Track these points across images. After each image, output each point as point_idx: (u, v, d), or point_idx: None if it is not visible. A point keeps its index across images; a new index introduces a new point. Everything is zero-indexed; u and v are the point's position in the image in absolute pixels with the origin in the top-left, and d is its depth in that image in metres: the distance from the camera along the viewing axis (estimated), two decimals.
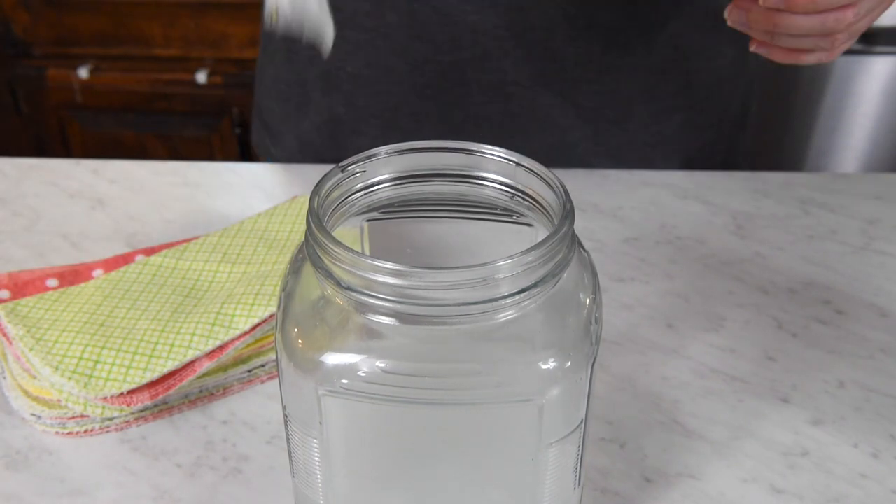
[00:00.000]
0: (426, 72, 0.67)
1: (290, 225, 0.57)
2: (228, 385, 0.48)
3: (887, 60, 1.34)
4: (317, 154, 0.73)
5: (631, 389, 0.48)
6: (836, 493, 0.42)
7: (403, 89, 0.68)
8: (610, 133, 0.70)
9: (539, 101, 0.68)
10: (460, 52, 0.65)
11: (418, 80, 0.67)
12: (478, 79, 0.67)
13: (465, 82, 0.67)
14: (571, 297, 0.32)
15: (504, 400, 0.31)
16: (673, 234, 0.62)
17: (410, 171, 0.35)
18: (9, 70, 1.56)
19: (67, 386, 0.44)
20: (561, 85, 0.67)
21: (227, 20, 1.46)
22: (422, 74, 0.67)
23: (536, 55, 0.65)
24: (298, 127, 0.74)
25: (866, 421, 0.47)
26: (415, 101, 0.68)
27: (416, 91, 0.68)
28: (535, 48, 0.65)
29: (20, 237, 0.62)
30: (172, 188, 0.68)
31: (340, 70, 0.69)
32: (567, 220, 0.31)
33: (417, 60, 0.66)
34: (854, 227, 0.63)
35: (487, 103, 0.68)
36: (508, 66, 0.66)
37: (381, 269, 0.28)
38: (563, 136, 0.70)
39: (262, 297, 0.48)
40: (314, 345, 0.31)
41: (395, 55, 0.66)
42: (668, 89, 0.69)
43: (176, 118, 1.57)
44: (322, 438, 0.32)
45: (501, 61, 0.66)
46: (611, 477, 0.43)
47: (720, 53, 0.70)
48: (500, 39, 0.65)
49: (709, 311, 0.55)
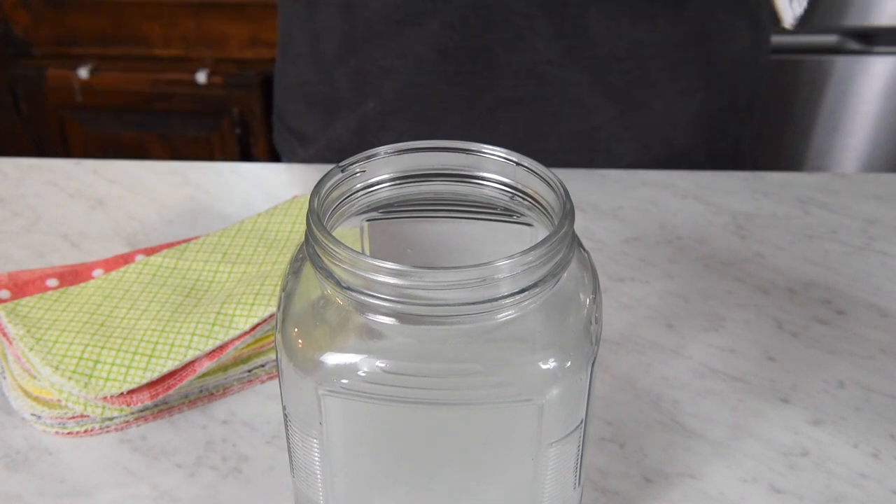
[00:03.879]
0: (457, 58, 0.67)
1: (290, 225, 0.57)
2: (228, 385, 0.48)
3: (887, 60, 1.34)
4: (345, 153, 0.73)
5: (631, 389, 0.48)
6: (836, 493, 0.42)
7: (434, 78, 0.68)
8: (637, 113, 0.71)
9: (569, 81, 0.68)
10: (491, 33, 0.66)
11: (448, 67, 0.68)
12: (509, 60, 0.67)
13: (496, 65, 0.68)
14: (571, 297, 0.32)
15: (504, 400, 0.31)
16: (673, 234, 0.62)
17: (410, 171, 0.35)
18: (9, 70, 1.56)
19: (67, 386, 0.44)
20: (591, 61, 0.68)
21: (227, 20, 1.46)
22: (452, 62, 0.67)
23: (567, 32, 0.66)
24: (329, 127, 0.74)
25: (866, 421, 0.47)
26: (444, 89, 0.69)
27: (446, 79, 0.68)
28: (565, 25, 0.66)
29: (20, 237, 0.62)
30: (172, 188, 0.68)
31: (372, 65, 0.69)
32: (567, 220, 0.31)
33: (448, 47, 0.67)
34: (854, 227, 0.63)
35: (518, 86, 0.68)
36: (540, 45, 0.67)
37: (381, 269, 0.28)
38: (588, 119, 0.70)
39: (262, 297, 0.48)
40: (314, 345, 0.31)
41: (426, 44, 0.67)
42: (692, 69, 0.70)
43: (176, 118, 1.57)
44: (322, 438, 0.32)
45: (533, 41, 0.66)
46: (611, 477, 0.43)
47: (739, 35, 0.71)
48: (532, 18, 0.65)
49: (709, 311, 0.55)
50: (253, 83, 1.50)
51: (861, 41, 1.34)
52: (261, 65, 1.49)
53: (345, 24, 0.69)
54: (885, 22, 1.31)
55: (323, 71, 0.72)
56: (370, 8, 0.67)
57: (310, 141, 0.77)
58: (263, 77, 1.49)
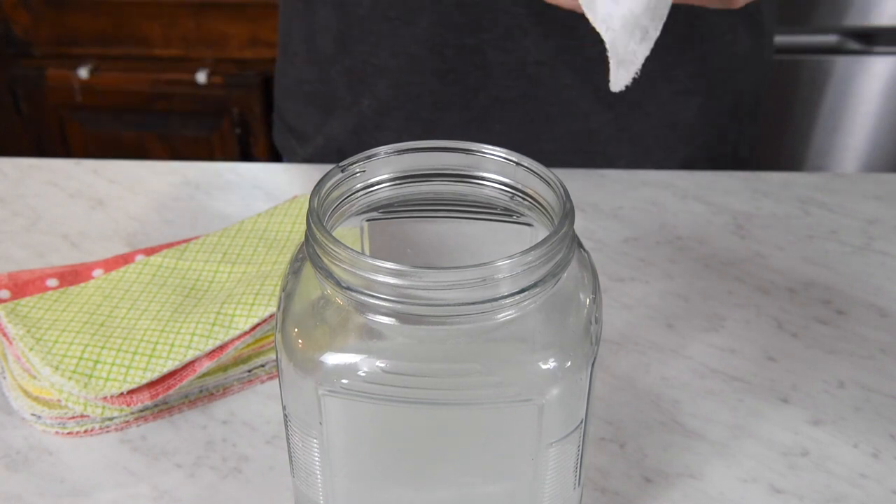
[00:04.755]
0: (448, 57, 0.67)
1: (290, 225, 0.57)
2: (228, 385, 0.48)
3: (887, 60, 1.34)
4: (342, 152, 0.73)
5: (631, 389, 0.48)
6: (836, 493, 0.42)
7: (426, 77, 0.68)
8: (631, 117, 0.71)
9: (560, 82, 0.68)
10: (481, 33, 0.66)
11: (441, 65, 0.68)
12: (499, 60, 0.67)
13: (487, 65, 0.68)
14: (571, 297, 0.32)
15: (504, 400, 0.31)
16: (673, 234, 0.62)
17: (410, 171, 0.35)
18: (9, 70, 1.56)
19: (67, 386, 0.44)
20: (581, 63, 0.68)
21: (227, 20, 1.46)
22: (444, 60, 0.67)
23: (555, 32, 0.66)
24: (325, 125, 0.74)
25: (866, 421, 0.47)
26: (438, 88, 0.69)
27: (439, 77, 0.68)
28: (554, 25, 0.66)
29: (20, 237, 0.62)
30: (172, 188, 0.68)
31: (366, 63, 0.69)
32: (567, 220, 0.31)
33: (439, 45, 0.67)
34: (854, 227, 0.63)
35: (510, 86, 0.69)
36: (529, 44, 0.67)
37: (381, 268, 0.28)
38: (586, 123, 0.71)
39: (262, 297, 0.48)
40: (314, 345, 0.31)
41: (418, 42, 0.67)
42: (686, 70, 0.70)
43: (176, 118, 1.56)
44: (322, 438, 0.32)
45: (521, 40, 0.66)
46: (611, 477, 0.43)
47: (738, 36, 0.71)
48: (519, 17, 0.66)
49: (709, 311, 0.55)
50: (253, 83, 1.50)
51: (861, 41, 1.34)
52: (261, 65, 1.49)
53: (339, 22, 0.69)
54: (885, 22, 1.31)
55: (319, 69, 0.72)
56: (363, 6, 0.67)
57: (308, 139, 0.77)
58: (263, 77, 1.49)
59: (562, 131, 0.71)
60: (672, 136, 0.73)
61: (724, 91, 0.73)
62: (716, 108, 0.73)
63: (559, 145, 0.71)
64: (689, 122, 0.72)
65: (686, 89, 0.71)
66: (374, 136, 0.71)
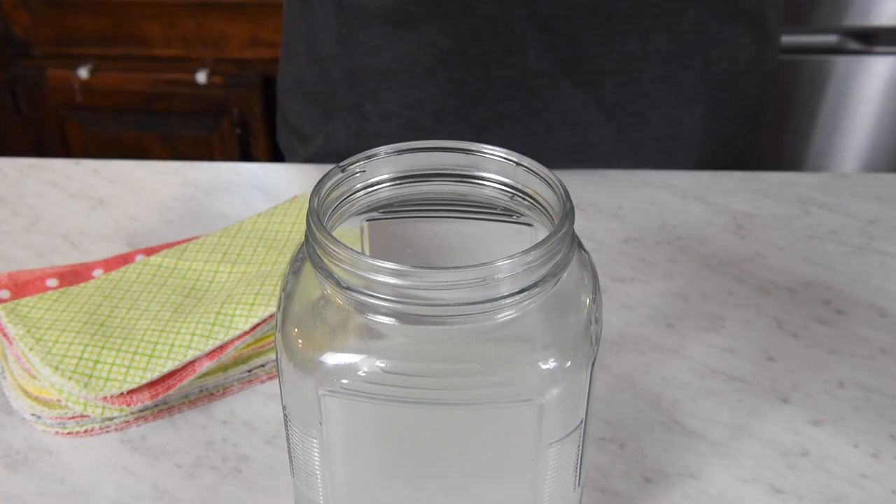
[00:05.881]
0: (450, 64, 0.67)
1: (290, 225, 0.57)
2: (228, 385, 0.48)
3: (887, 60, 1.34)
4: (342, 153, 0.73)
5: (631, 389, 0.48)
6: (836, 493, 0.42)
7: (428, 83, 0.68)
8: (632, 127, 0.70)
9: (561, 94, 0.68)
10: (483, 44, 0.66)
11: (442, 73, 0.67)
12: (500, 73, 0.67)
13: (488, 76, 0.67)
14: (571, 297, 0.32)
15: (504, 400, 0.31)
16: (673, 234, 0.62)
17: (410, 171, 0.35)
18: (9, 70, 1.56)
19: (67, 386, 0.44)
20: (583, 75, 0.67)
21: (227, 20, 1.46)
22: (446, 67, 0.67)
23: (557, 44, 0.66)
24: (326, 126, 0.74)
25: (866, 421, 0.47)
26: (438, 96, 0.68)
27: (440, 85, 0.68)
28: (555, 37, 0.66)
29: (20, 237, 0.62)
30: (172, 188, 0.68)
31: (367, 66, 0.69)
32: (567, 220, 0.31)
33: (443, 52, 0.67)
34: (854, 227, 0.63)
35: (509, 98, 0.68)
36: (531, 56, 0.66)
37: (381, 269, 0.28)
38: (585, 135, 0.70)
39: (262, 297, 0.48)
40: (314, 345, 0.31)
41: (421, 48, 0.67)
42: (689, 78, 0.70)
43: (176, 118, 1.56)
44: (322, 438, 0.32)
45: (523, 53, 0.66)
46: (611, 477, 0.43)
47: (740, 44, 0.70)
48: (521, 29, 0.65)
49: (709, 311, 0.55)
50: (253, 83, 1.50)
51: (861, 41, 1.34)
52: (261, 65, 1.49)
53: (339, 23, 0.69)
54: (885, 22, 1.31)
55: (320, 70, 0.72)
56: (363, 9, 0.67)
57: (309, 139, 0.77)
58: (263, 77, 1.49)
59: (562, 143, 0.70)
60: (674, 146, 0.72)
61: (728, 97, 0.72)
62: (719, 117, 0.72)
63: (558, 157, 0.71)
64: (692, 131, 0.72)
65: (689, 97, 0.70)
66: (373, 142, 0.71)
